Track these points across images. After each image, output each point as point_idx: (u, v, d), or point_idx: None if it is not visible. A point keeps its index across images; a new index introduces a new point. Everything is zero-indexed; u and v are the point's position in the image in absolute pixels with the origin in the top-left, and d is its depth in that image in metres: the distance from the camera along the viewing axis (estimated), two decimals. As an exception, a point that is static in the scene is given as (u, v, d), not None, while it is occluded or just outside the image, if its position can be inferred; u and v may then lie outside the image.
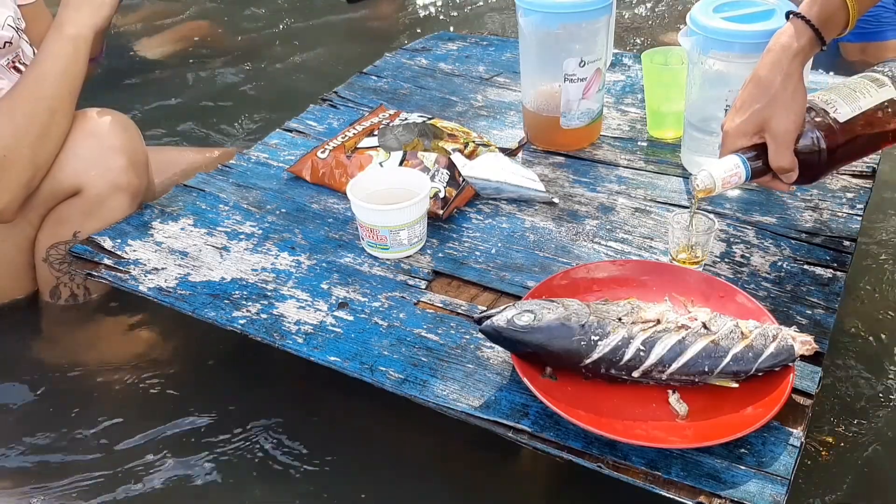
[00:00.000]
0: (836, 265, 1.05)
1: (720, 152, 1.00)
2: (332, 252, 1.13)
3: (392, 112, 1.36)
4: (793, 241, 1.10)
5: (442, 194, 1.16)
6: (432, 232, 1.14)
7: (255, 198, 1.26)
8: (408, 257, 1.10)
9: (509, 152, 1.31)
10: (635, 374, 0.84)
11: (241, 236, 1.17)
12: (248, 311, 1.02)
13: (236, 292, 1.06)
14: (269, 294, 1.05)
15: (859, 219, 1.14)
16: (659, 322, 0.85)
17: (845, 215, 1.14)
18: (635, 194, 1.22)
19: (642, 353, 0.83)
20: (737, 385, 0.84)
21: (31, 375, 1.20)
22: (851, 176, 1.23)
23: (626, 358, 0.83)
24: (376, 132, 1.28)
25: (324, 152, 1.27)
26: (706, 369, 0.83)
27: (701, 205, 1.09)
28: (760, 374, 0.84)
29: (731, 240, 1.11)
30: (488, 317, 0.86)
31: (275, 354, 0.99)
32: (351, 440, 1.08)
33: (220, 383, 1.17)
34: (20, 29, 1.27)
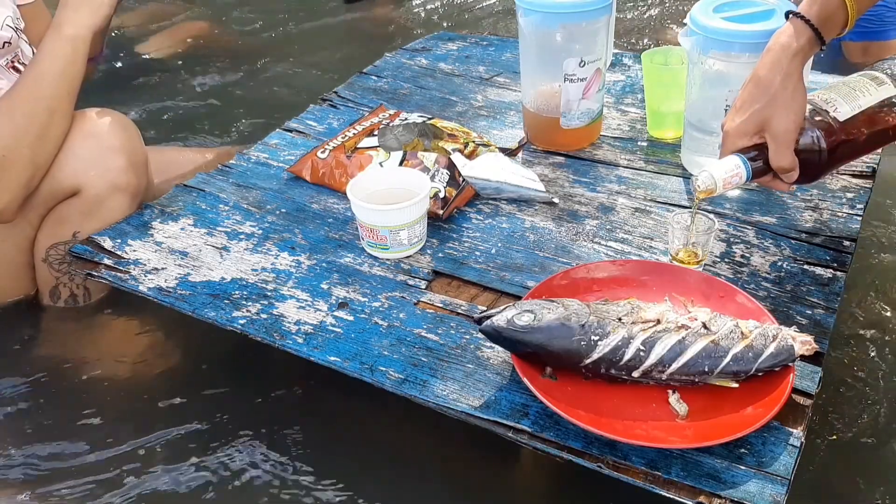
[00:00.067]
0: (836, 265, 1.05)
1: (720, 152, 1.00)
2: (332, 252, 1.13)
3: (392, 112, 1.36)
4: (793, 241, 1.10)
5: (442, 194, 1.16)
6: (432, 232, 1.14)
7: (255, 198, 1.25)
8: (408, 257, 1.10)
9: (509, 152, 1.31)
10: (635, 374, 0.84)
11: (241, 236, 1.17)
12: (248, 311, 1.02)
13: (236, 292, 1.06)
14: (269, 294, 1.05)
15: (859, 219, 1.14)
16: (659, 322, 0.85)
17: (845, 215, 1.14)
18: (635, 194, 1.22)
19: (642, 353, 0.83)
20: (737, 385, 0.84)
21: (30, 376, 1.20)
22: (851, 176, 1.23)
23: (626, 358, 0.83)
24: (376, 132, 1.28)
25: (324, 152, 1.27)
26: (706, 369, 0.83)
27: (701, 205, 1.09)
28: (760, 374, 0.84)
29: (731, 240, 1.11)
30: (488, 317, 0.86)
31: (275, 354, 0.99)
32: (351, 440, 1.08)
33: (220, 383, 1.17)
34: (19, 29, 1.27)
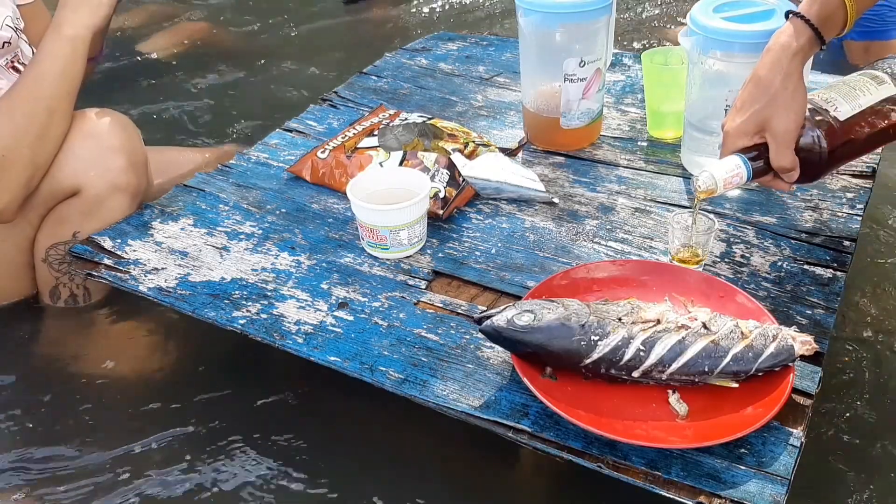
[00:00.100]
0: (836, 265, 1.05)
1: (721, 152, 1.00)
2: (332, 252, 1.13)
3: (392, 112, 1.36)
4: (793, 241, 1.10)
5: (442, 194, 1.16)
6: (432, 232, 1.14)
7: (255, 198, 1.25)
8: (408, 257, 1.10)
9: (509, 152, 1.31)
10: (635, 374, 0.84)
11: (241, 236, 1.17)
12: (248, 311, 1.02)
13: (236, 292, 1.06)
14: (269, 294, 1.05)
15: (859, 219, 1.14)
16: (659, 322, 0.85)
17: (845, 215, 1.14)
18: (635, 194, 1.22)
19: (642, 353, 0.83)
20: (737, 385, 0.84)
21: (30, 376, 1.20)
22: (851, 176, 1.23)
23: (626, 358, 0.83)
24: (376, 132, 1.28)
25: (324, 152, 1.27)
26: (706, 369, 0.83)
27: (701, 205, 1.09)
28: (760, 374, 0.84)
29: (731, 240, 1.11)
30: (488, 317, 0.86)
31: (275, 354, 0.99)
32: (351, 440, 1.08)
33: (220, 383, 1.17)
34: (19, 29, 1.27)
